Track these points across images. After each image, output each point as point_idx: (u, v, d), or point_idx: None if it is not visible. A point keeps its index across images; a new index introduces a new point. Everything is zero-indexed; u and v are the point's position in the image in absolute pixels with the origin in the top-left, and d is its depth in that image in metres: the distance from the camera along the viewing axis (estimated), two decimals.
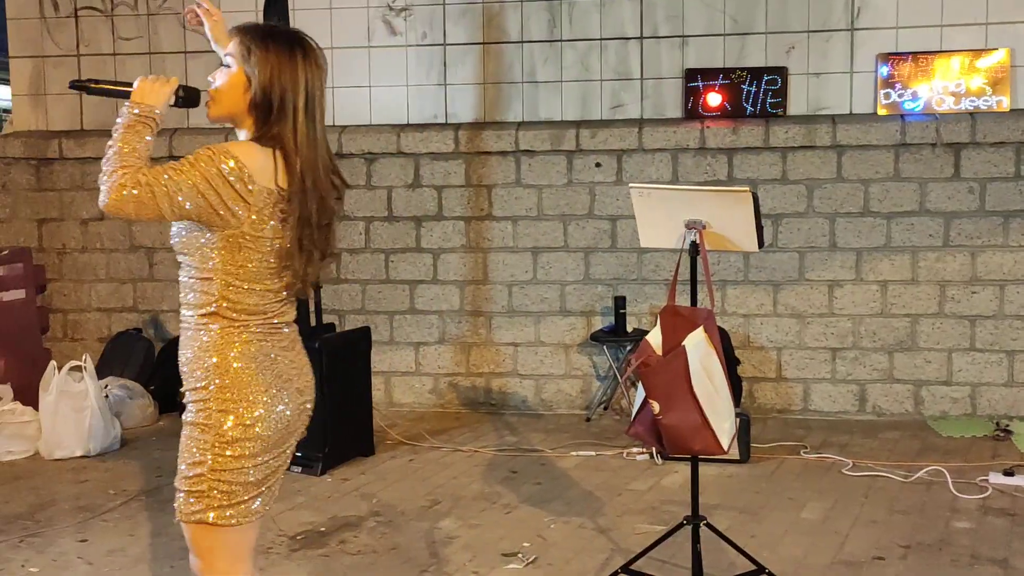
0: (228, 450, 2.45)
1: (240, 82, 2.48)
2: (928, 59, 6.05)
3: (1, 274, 6.18)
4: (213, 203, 2.37)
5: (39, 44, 6.98)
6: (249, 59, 2.48)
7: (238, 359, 2.47)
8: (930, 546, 4.19)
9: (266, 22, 2.55)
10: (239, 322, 2.48)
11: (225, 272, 2.45)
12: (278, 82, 2.46)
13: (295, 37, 2.55)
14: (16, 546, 4.33)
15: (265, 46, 2.48)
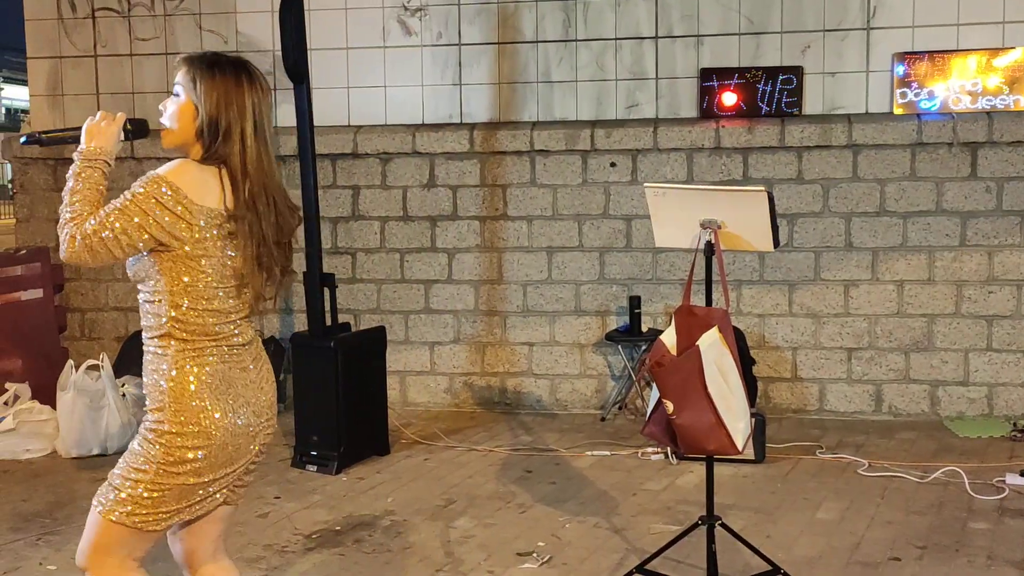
0: (174, 468, 2.52)
1: (188, 111, 2.56)
2: (944, 58, 6.03)
3: (19, 273, 6.23)
4: (157, 234, 2.46)
5: (56, 45, 7.03)
6: (196, 88, 2.55)
7: (192, 383, 2.53)
8: (946, 547, 4.17)
9: (213, 51, 2.61)
10: (193, 344, 2.54)
11: (171, 293, 2.52)
12: (224, 109, 2.54)
13: (240, 64, 2.62)
14: (34, 544, 4.36)
15: (211, 74, 2.55)
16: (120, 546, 2.57)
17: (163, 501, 2.54)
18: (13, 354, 6.11)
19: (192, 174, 2.50)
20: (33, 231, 7.05)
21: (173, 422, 2.52)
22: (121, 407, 5.73)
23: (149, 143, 6.89)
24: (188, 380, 2.52)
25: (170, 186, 2.46)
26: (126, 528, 2.54)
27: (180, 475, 2.52)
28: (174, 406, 2.52)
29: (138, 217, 2.44)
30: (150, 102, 6.92)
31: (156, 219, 2.44)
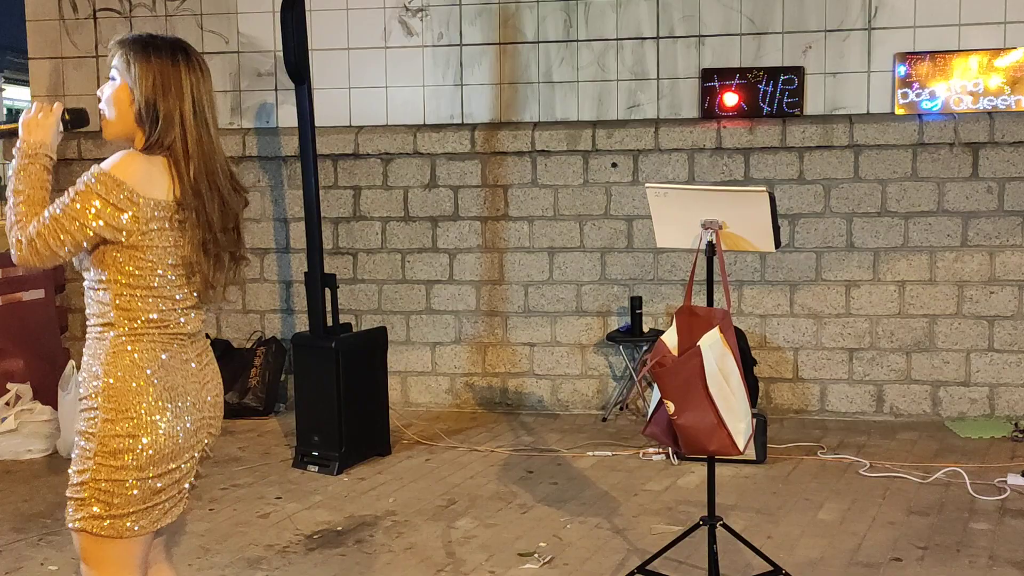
0: (111, 460, 2.44)
1: (125, 95, 2.49)
2: (946, 58, 6.02)
3: (20, 274, 6.23)
4: (100, 230, 2.41)
5: (58, 45, 7.03)
6: (130, 71, 2.48)
7: (128, 369, 2.45)
8: (948, 547, 4.17)
9: (147, 33, 2.61)
10: (135, 332, 2.47)
11: (117, 282, 2.46)
12: (161, 92, 2.47)
13: (176, 45, 2.54)
14: (36, 544, 4.36)
15: (146, 56, 2.48)
16: (105, 562, 2.50)
17: (121, 502, 2.45)
18: (14, 354, 6.11)
19: (136, 165, 2.44)
20: None
21: (106, 408, 2.43)
22: None
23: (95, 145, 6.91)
24: (128, 367, 2.45)
25: (112, 180, 2.40)
26: (98, 539, 2.47)
27: (121, 469, 2.43)
28: (110, 392, 2.44)
29: (80, 218, 2.38)
30: None
31: (99, 214, 2.39)
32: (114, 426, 2.44)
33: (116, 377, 2.45)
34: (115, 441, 2.43)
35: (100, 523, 2.46)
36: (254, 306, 6.82)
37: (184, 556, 4.19)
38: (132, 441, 2.44)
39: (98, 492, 2.44)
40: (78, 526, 2.48)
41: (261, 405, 6.39)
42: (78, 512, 2.48)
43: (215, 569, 4.08)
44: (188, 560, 4.15)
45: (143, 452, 2.45)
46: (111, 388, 2.44)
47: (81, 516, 2.47)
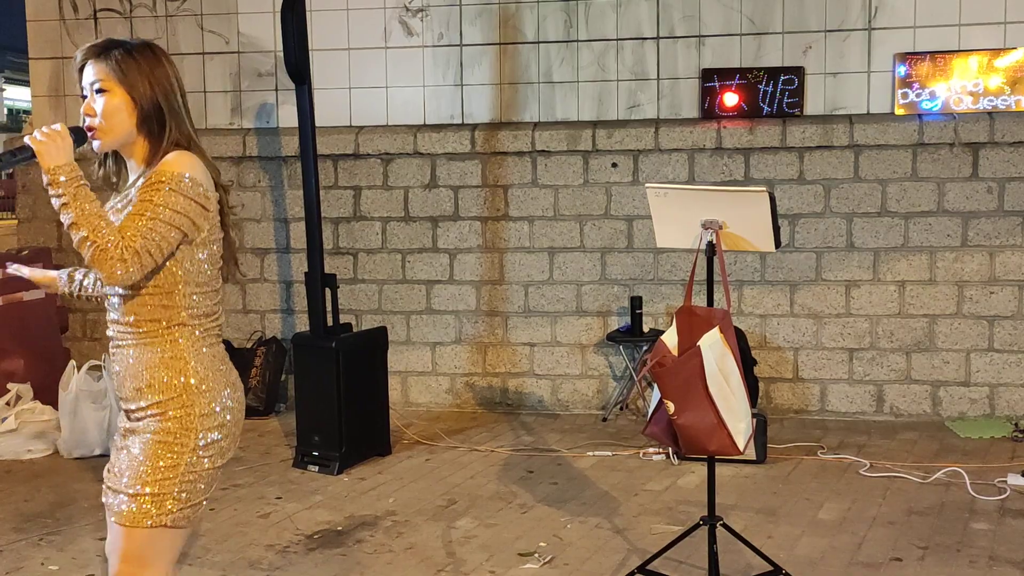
0: (202, 453, 2.48)
1: (125, 103, 2.47)
2: (946, 58, 6.02)
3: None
4: (187, 228, 2.43)
5: (58, 45, 7.03)
6: (126, 76, 2.45)
7: (202, 364, 2.50)
8: (948, 547, 4.17)
9: (111, 38, 2.59)
10: (198, 328, 2.51)
11: (186, 282, 2.48)
12: (160, 90, 2.48)
13: (146, 43, 2.56)
14: (36, 544, 4.37)
15: (133, 59, 2.47)
16: (162, 554, 2.51)
17: (195, 491, 2.50)
18: (15, 354, 6.12)
19: (195, 162, 2.46)
20: (35, 231, 7.06)
21: (190, 404, 2.46)
22: None
23: None
24: (204, 362, 2.50)
25: (192, 180, 2.42)
26: (169, 531, 2.48)
27: (209, 458, 2.49)
28: (190, 391, 2.47)
29: (171, 219, 2.38)
30: None
31: (185, 213, 2.40)
32: (201, 422, 2.47)
33: (194, 374, 2.48)
34: (201, 437, 2.47)
35: (183, 514, 2.49)
36: (254, 306, 6.83)
37: (185, 556, 4.19)
38: (214, 435, 2.50)
39: (187, 485, 2.47)
40: (158, 522, 2.45)
41: (261, 405, 6.40)
42: (162, 507, 2.45)
43: (216, 569, 4.09)
44: (189, 560, 4.15)
45: (217, 445, 2.51)
46: (191, 387, 2.47)
47: (165, 511, 2.46)
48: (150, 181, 2.42)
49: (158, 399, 2.47)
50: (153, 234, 2.35)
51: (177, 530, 2.50)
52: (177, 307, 2.48)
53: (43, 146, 2.39)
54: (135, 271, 2.35)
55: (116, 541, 2.52)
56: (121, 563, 2.50)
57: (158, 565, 2.50)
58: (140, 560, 2.48)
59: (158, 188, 2.39)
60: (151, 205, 2.37)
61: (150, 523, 2.45)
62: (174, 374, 2.47)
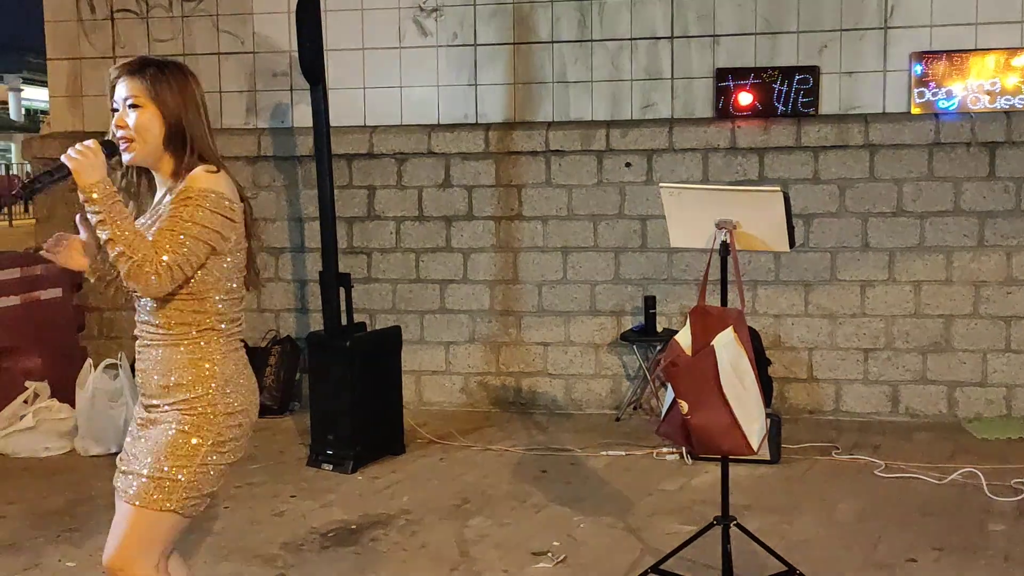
0: (219, 448, 2.61)
1: (156, 118, 2.59)
2: (963, 58, 6.00)
3: (38, 273, 6.28)
4: (215, 242, 2.56)
5: (76, 46, 7.07)
6: (157, 94, 2.58)
7: (225, 365, 2.63)
8: (964, 549, 4.15)
9: (144, 56, 2.75)
10: (224, 333, 2.65)
11: (216, 289, 2.61)
12: (185, 109, 2.60)
13: (176, 63, 2.69)
14: (54, 541, 4.40)
15: (164, 77, 2.60)
16: (162, 539, 2.62)
17: (205, 483, 2.61)
18: (33, 353, 6.16)
19: (221, 178, 2.59)
20: (52, 231, 7.00)
21: (215, 404, 2.59)
22: None
23: None
24: (229, 365, 2.63)
25: (218, 195, 2.54)
26: (175, 517, 2.59)
27: (225, 454, 2.62)
28: (216, 390, 2.60)
29: (203, 237, 2.51)
30: None
31: (214, 228, 2.53)
32: (226, 419, 2.61)
33: (220, 376, 2.61)
34: (227, 431, 2.61)
35: (191, 502, 2.60)
36: (269, 305, 6.85)
37: (199, 554, 4.22)
38: (232, 433, 2.63)
39: (200, 475, 2.58)
40: (166, 507, 2.56)
41: (276, 404, 6.42)
42: (173, 494, 2.56)
43: (230, 567, 4.11)
44: (203, 558, 4.17)
45: (232, 444, 2.64)
46: (215, 387, 2.60)
47: (176, 497, 2.57)
48: (180, 197, 2.53)
49: (184, 396, 2.59)
50: (183, 249, 2.49)
51: (180, 517, 2.61)
52: (206, 312, 2.61)
53: (78, 164, 2.50)
54: (167, 284, 2.49)
55: (121, 523, 2.62)
56: (122, 544, 2.60)
57: (154, 550, 2.61)
58: (140, 542, 2.59)
59: (187, 204, 2.51)
60: (181, 221, 2.50)
61: (161, 507, 2.56)
62: (200, 374, 2.60)
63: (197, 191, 2.52)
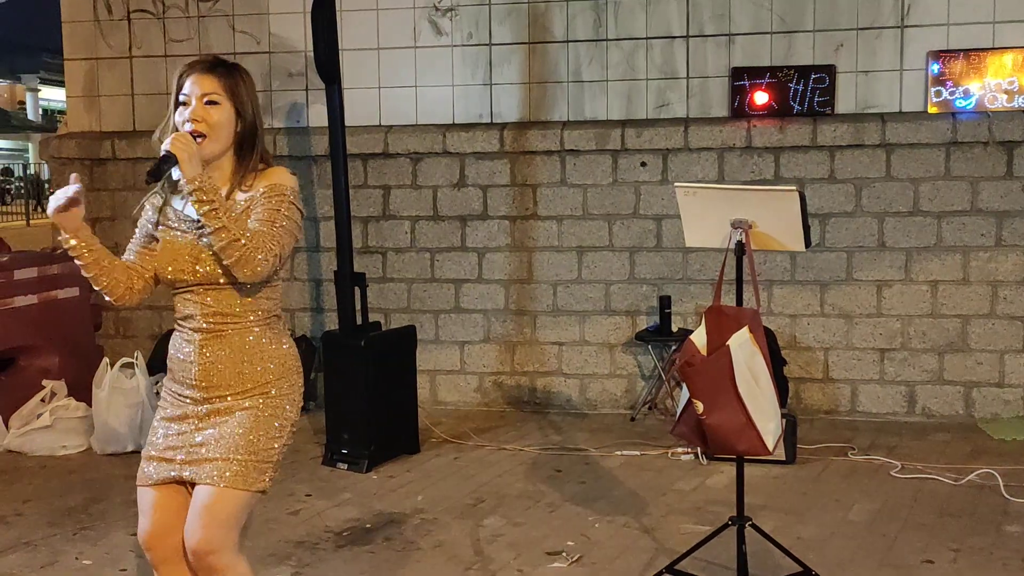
0: (293, 428, 2.80)
1: (232, 116, 2.70)
2: (980, 56, 5.96)
3: (56, 272, 6.31)
4: (298, 234, 2.74)
5: (93, 46, 7.11)
6: (235, 94, 2.70)
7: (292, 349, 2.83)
8: (981, 550, 4.13)
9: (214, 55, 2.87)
10: (280, 319, 2.84)
11: (282, 280, 2.83)
12: (257, 108, 2.76)
13: (238, 63, 2.82)
14: (70, 539, 4.42)
15: (242, 78, 2.74)
16: (245, 517, 2.74)
17: (280, 461, 2.77)
18: (50, 351, 6.19)
19: (290, 175, 2.74)
20: None
21: (290, 387, 2.77)
22: (155, 405, 5.78)
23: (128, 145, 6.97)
24: (293, 350, 2.83)
25: (295, 192, 2.71)
26: (259, 495, 2.73)
27: (292, 434, 2.80)
28: (295, 372, 2.79)
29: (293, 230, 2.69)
30: None
31: (296, 220, 2.70)
32: (294, 399, 2.79)
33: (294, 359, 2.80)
34: (294, 413, 2.79)
35: (269, 483, 2.75)
36: (284, 304, 6.80)
37: None
38: (299, 409, 2.82)
39: (278, 456, 2.75)
40: (258, 487, 2.70)
41: None
42: (264, 474, 2.71)
43: None
44: None
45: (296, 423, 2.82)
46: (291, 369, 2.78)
47: (265, 477, 2.72)
48: (271, 193, 2.66)
49: (263, 380, 2.73)
50: (282, 240, 2.64)
51: (261, 495, 2.75)
52: (275, 300, 2.79)
53: (182, 155, 2.58)
54: (269, 271, 2.64)
55: (209, 506, 2.65)
56: (212, 526, 2.65)
57: (238, 528, 2.73)
58: (229, 523, 2.68)
59: (281, 200, 2.66)
60: (279, 215, 2.65)
61: (254, 487, 2.69)
62: (278, 358, 2.76)
63: (288, 188, 2.68)
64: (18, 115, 39.28)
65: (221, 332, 2.71)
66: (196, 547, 2.65)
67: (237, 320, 2.71)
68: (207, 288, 2.70)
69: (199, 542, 2.65)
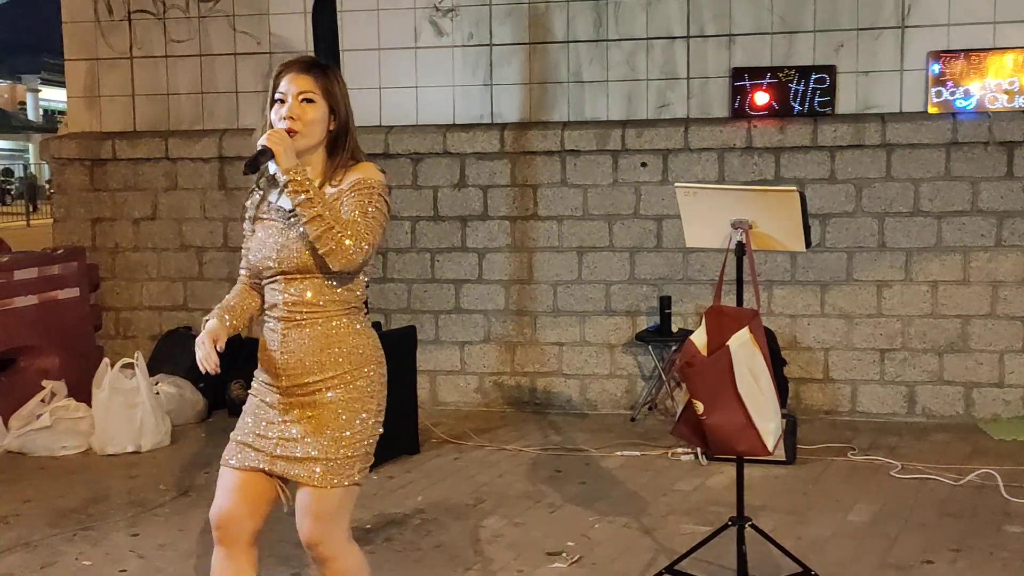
0: (380, 418, 2.88)
1: (325, 114, 2.79)
2: (980, 56, 5.96)
3: (56, 273, 6.31)
4: (386, 226, 2.82)
5: (93, 47, 7.11)
6: (332, 92, 2.81)
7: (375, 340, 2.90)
8: (981, 550, 4.13)
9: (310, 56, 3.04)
10: (360, 310, 2.89)
11: (364, 273, 2.86)
12: (349, 106, 2.84)
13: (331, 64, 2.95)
14: (70, 539, 4.42)
15: (336, 78, 2.83)
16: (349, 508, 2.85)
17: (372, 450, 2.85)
18: (50, 352, 6.19)
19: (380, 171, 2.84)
20: (70, 231, 7.14)
21: (370, 377, 2.84)
22: (155, 405, 5.79)
23: (129, 145, 6.95)
24: (375, 339, 2.90)
25: (382, 186, 2.79)
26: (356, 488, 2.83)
27: (380, 423, 2.88)
28: (374, 363, 2.86)
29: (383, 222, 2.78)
30: (184, 103, 7.00)
31: (386, 215, 2.80)
32: (381, 390, 2.89)
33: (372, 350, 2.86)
34: (379, 403, 2.87)
35: (363, 474, 2.83)
36: None
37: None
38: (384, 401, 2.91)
39: (366, 447, 2.83)
40: (356, 480, 2.80)
41: None
42: (359, 465, 2.80)
43: None
44: None
45: (383, 411, 2.90)
46: (373, 358, 2.86)
47: (359, 468, 2.80)
48: (360, 187, 2.74)
49: (342, 370, 2.79)
50: (374, 231, 2.74)
51: (358, 487, 2.84)
52: (355, 291, 2.84)
53: (277, 148, 2.68)
54: (362, 261, 2.73)
55: (314, 506, 2.77)
56: (316, 522, 2.79)
57: (345, 519, 2.84)
58: (331, 517, 2.79)
59: (370, 193, 2.74)
60: (372, 208, 2.74)
61: (344, 483, 2.77)
62: (358, 347, 2.82)
63: (377, 183, 2.77)
64: (18, 115, 39.31)
65: (302, 321, 2.77)
66: (306, 540, 2.82)
67: (318, 310, 2.77)
68: (290, 278, 2.77)
69: (307, 537, 2.80)
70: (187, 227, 6.95)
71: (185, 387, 6.32)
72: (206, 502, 4.81)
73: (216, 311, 2.83)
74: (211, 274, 6.91)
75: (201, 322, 2.86)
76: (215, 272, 6.90)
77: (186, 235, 6.96)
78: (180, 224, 6.95)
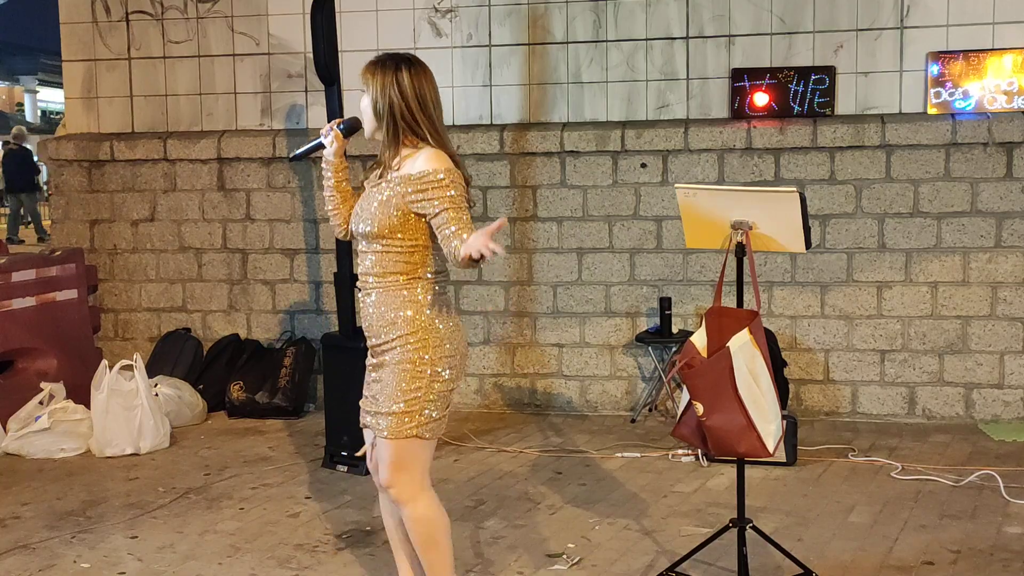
0: (438, 378, 3.12)
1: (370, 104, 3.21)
2: (980, 57, 5.96)
3: (54, 274, 6.30)
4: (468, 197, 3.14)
5: (91, 48, 7.10)
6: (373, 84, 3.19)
7: (432, 308, 3.13)
8: (981, 551, 4.12)
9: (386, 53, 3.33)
10: (431, 280, 3.16)
11: (427, 247, 3.13)
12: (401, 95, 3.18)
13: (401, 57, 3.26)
14: (68, 542, 4.41)
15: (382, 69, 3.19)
16: (416, 458, 3.16)
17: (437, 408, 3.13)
18: (48, 354, 6.18)
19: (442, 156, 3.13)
20: (68, 232, 7.13)
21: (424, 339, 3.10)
22: (154, 407, 5.78)
23: (127, 146, 6.95)
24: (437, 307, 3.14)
25: (447, 172, 3.07)
26: (420, 440, 3.12)
27: (441, 383, 3.13)
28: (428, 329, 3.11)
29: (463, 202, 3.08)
30: (183, 104, 6.99)
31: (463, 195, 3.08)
32: (435, 352, 3.12)
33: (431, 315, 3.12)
34: (436, 364, 3.12)
35: (422, 428, 3.12)
36: (284, 306, 6.86)
37: (214, 554, 4.22)
38: (446, 363, 3.14)
39: (425, 404, 3.11)
40: (412, 432, 3.11)
41: (291, 405, 6.43)
42: (412, 421, 3.11)
43: (245, 568, 4.11)
44: (218, 559, 4.18)
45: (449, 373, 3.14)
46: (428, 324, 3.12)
47: (414, 424, 3.11)
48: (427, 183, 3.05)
49: (403, 332, 3.11)
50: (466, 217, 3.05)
51: (425, 440, 3.15)
52: (419, 263, 3.14)
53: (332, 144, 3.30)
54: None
55: (381, 453, 3.19)
56: (387, 470, 3.17)
57: (415, 468, 3.18)
58: (400, 465, 3.16)
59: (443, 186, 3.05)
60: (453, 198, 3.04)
61: (408, 434, 3.10)
62: (415, 314, 3.12)
63: (442, 170, 3.07)
64: (16, 117, 39.29)
65: (377, 287, 3.14)
66: (381, 483, 3.24)
67: (389, 276, 3.12)
68: (370, 244, 3.15)
69: (382, 480, 3.22)
70: (186, 228, 6.94)
71: (184, 389, 6.31)
72: (205, 504, 4.83)
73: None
74: (210, 275, 6.90)
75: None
76: (214, 273, 6.89)
77: (185, 236, 6.95)
78: (179, 225, 6.94)
